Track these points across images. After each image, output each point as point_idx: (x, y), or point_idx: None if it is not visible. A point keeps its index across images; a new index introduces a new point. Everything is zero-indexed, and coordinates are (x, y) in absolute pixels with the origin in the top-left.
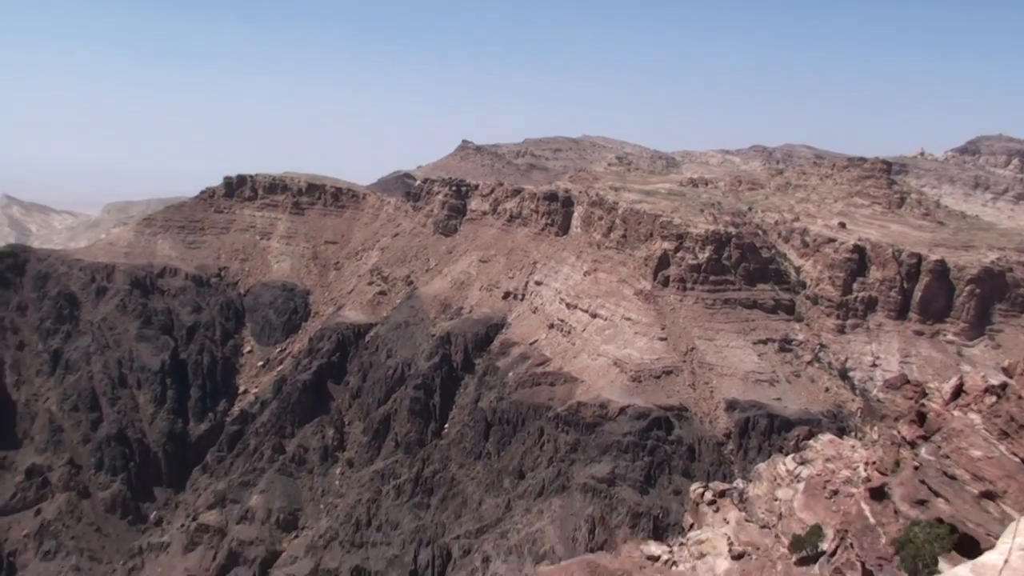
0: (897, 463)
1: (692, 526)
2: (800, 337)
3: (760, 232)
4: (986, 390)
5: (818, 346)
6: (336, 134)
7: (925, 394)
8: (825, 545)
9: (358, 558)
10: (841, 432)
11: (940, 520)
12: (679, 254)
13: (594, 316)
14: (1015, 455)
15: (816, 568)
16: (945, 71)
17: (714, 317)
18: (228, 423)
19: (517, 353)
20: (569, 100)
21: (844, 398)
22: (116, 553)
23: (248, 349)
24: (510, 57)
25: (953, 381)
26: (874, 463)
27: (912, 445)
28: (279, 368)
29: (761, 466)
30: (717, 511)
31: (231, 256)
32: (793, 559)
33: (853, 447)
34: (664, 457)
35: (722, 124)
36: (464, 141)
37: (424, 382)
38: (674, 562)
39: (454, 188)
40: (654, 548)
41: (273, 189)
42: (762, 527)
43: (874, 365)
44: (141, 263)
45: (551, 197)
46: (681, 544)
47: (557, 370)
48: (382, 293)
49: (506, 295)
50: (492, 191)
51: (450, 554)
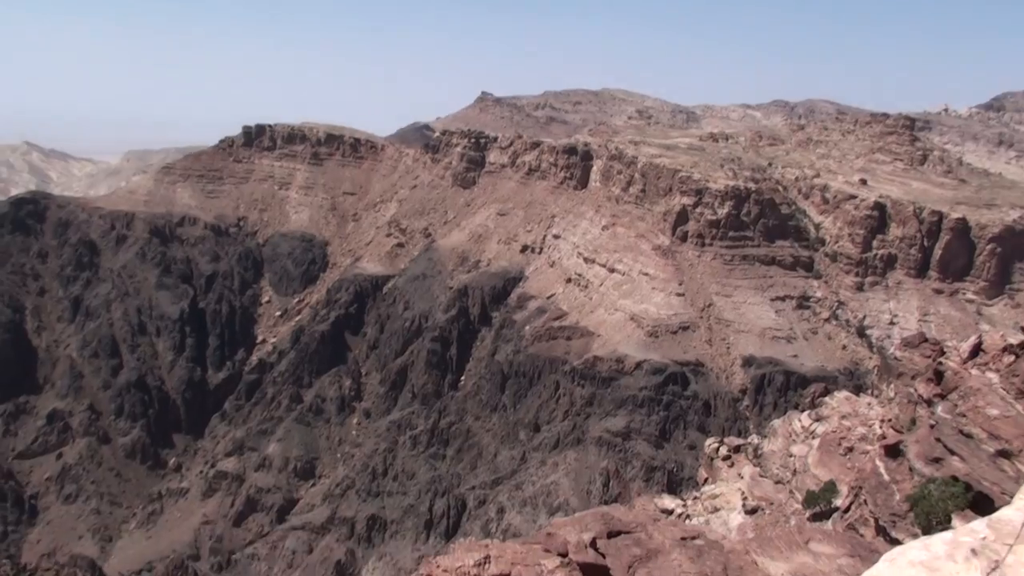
0: (913, 421)
1: (706, 480)
2: (818, 294)
3: (780, 188)
4: (1004, 349)
5: (836, 303)
6: (357, 82)
7: (943, 352)
8: (839, 501)
9: (374, 507)
10: (857, 390)
11: (955, 478)
12: (698, 209)
13: (612, 271)
14: None
15: (829, 524)
16: (972, 25)
17: (732, 273)
18: (246, 372)
19: (534, 307)
20: (590, 51)
21: (861, 356)
22: (136, 498)
23: (266, 299)
24: (532, 4)
25: (971, 340)
26: (890, 420)
27: (928, 403)
28: (297, 318)
29: (776, 422)
30: (732, 466)
31: (250, 206)
32: (807, 515)
33: (869, 404)
34: (679, 412)
35: (743, 78)
36: (483, 93)
37: (441, 334)
38: (688, 516)
39: (473, 140)
40: (668, 502)
41: (292, 139)
42: (776, 483)
43: (892, 323)
44: (160, 212)
45: (570, 151)
46: (695, 498)
47: (574, 324)
48: (400, 245)
49: (524, 248)
50: (511, 144)
51: (465, 504)
